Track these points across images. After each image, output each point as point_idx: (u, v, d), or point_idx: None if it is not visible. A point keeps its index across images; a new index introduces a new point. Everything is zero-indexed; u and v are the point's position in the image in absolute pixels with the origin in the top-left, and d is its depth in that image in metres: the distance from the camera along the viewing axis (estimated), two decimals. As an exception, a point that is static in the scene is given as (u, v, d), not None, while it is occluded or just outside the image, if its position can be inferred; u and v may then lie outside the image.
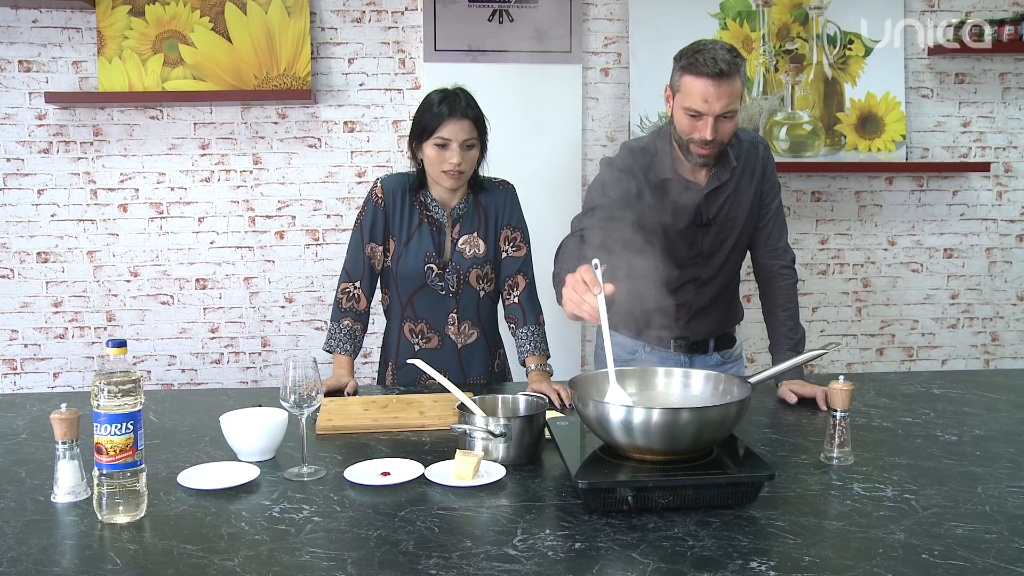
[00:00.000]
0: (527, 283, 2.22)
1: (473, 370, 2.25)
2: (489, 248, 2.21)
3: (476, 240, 2.19)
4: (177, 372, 3.51)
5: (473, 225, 2.21)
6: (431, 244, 2.17)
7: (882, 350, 3.83)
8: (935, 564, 1.16)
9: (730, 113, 1.92)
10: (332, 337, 2.18)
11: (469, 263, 2.18)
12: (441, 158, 2.08)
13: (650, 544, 1.22)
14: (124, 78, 3.29)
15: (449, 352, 2.22)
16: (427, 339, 2.22)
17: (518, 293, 2.21)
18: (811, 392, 1.98)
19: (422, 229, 2.18)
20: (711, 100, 1.89)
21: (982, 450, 1.65)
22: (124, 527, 1.29)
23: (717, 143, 1.95)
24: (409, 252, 2.17)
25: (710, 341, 2.25)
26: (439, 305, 2.20)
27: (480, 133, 2.12)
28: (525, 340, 2.17)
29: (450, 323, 2.21)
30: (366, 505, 1.38)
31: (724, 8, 3.55)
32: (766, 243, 2.18)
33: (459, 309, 2.21)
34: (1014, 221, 3.83)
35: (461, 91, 2.13)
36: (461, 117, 2.07)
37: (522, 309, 2.19)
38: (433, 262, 2.17)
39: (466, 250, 2.18)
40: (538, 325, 2.20)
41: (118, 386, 1.30)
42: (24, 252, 3.41)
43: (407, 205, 2.18)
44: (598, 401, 1.44)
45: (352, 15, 3.45)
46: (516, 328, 2.19)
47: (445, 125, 2.06)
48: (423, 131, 2.09)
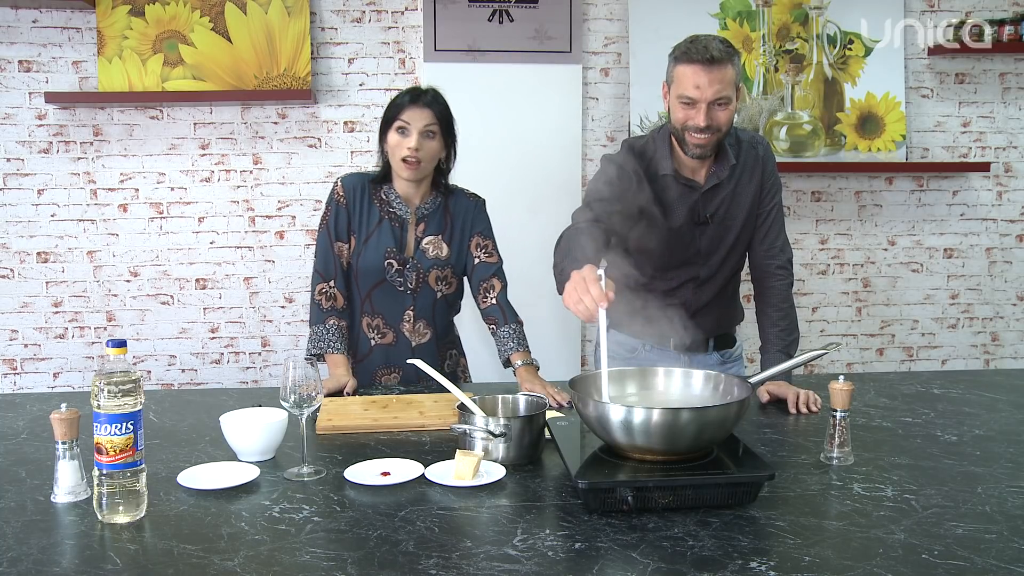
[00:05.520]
0: (503, 286, 2.26)
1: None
2: (453, 253, 2.25)
3: (440, 243, 2.23)
4: (177, 372, 3.51)
5: (439, 227, 2.24)
6: (392, 240, 2.20)
7: (882, 350, 3.83)
8: (935, 564, 1.16)
9: (723, 100, 1.92)
10: (320, 340, 2.17)
11: (431, 263, 2.22)
12: (401, 144, 2.13)
13: (650, 544, 1.22)
14: (124, 78, 3.29)
15: (403, 349, 2.24)
16: (383, 334, 2.24)
17: (495, 295, 2.24)
18: (784, 393, 1.98)
19: (383, 225, 2.20)
20: (703, 86, 1.90)
21: (982, 450, 1.65)
22: (124, 527, 1.29)
23: (712, 130, 1.96)
24: (369, 247, 2.19)
25: (710, 341, 2.25)
26: (396, 301, 2.23)
27: (443, 128, 2.17)
28: (508, 338, 2.19)
29: (406, 320, 2.23)
30: (366, 505, 1.38)
31: (724, 8, 3.55)
32: (762, 242, 2.18)
33: (416, 307, 2.23)
34: (1014, 221, 3.83)
35: (431, 88, 2.19)
36: (423, 106, 2.13)
37: (501, 309, 2.22)
38: (394, 258, 2.19)
39: (429, 250, 2.22)
40: (518, 324, 2.23)
41: (118, 386, 1.29)
42: (24, 252, 3.41)
43: (367, 201, 2.22)
44: (598, 401, 1.44)
45: (352, 15, 3.45)
46: (497, 328, 2.21)
47: (406, 110, 2.12)
48: (387, 120, 2.16)
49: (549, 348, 3.56)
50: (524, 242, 3.52)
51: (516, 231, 3.50)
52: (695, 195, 2.08)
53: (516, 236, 3.50)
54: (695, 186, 2.08)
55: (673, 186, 2.07)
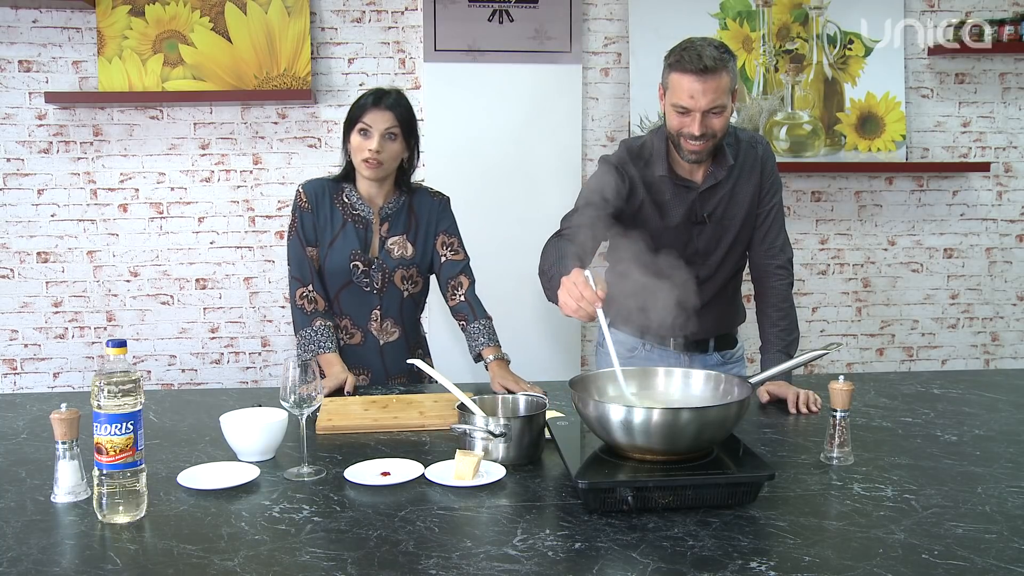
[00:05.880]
0: (470, 283, 2.29)
1: (394, 367, 2.29)
2: (418, 252, 2.27)
3: (405, 242, 2.25)
4: (177, 372, 3.51)
5: (404, 227, 2.26)
6: (356, 242, 2.22)
7: (882, 350, 3.83)
8: (935, 564, 1.16)
9: (717, 108, 1.92)
10: (310, 342, 2.18)
11: (396, 263, 2.24)
12: (362, 145, 2.15)
13: (650, 544, 1.22)
14: (124, 78, 3.29)
15: (371, 348, 2.26)
16: (351, 334, 2.26)
17: (463, 292, 2.27)
18: (784, 394, 1.98)
19: (347, 228, 2.22)
20: (697, 96, 1.90)
21: (982, 450, 1.65)
22: (124, 527, 1.29)
23: (707, 138, 1.96)
24: (334, 250, 2.21)
25: (710, 341, 2.25)
26: (363, 302, 2.25)
27: (405, 130, 2.19)
28: (479, 334, 2.22)
29: (373, 319, 2.25)
30: (366, 505, 1.38)
31: (724, 8, 3.55)
32: (762, 242, 2.18)
33: (382, 307, 2.26)
34: (1014, 221, 3.83)
35: (394, 90, 2.21)
36: (385, 108, 2.15)
37: (470, 305, 2.26)
38: (359, 259, 2.21)
39: (394, 250, 2.24)
40: (488, 319, 2.26)
41: (118, 386, 1.29)
42: (24, 252, 3.41)
43: (329, 205, 2.24)
44: (598, 401, 1.44)
45: (352, 15, 3.45)
46: (467, 324, 2.25)
47: (368, 113, 2.15)
48: (350, 121, 2.18)
49: (549, 348, 3.56)
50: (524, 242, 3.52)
51: (516, 231, 3.50)
52: (692, 195, 2.08)
53: (516, 236, 3.50)
54: (692, 186, 2.08)
55: (670, 186, 2.07)
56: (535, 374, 2.27)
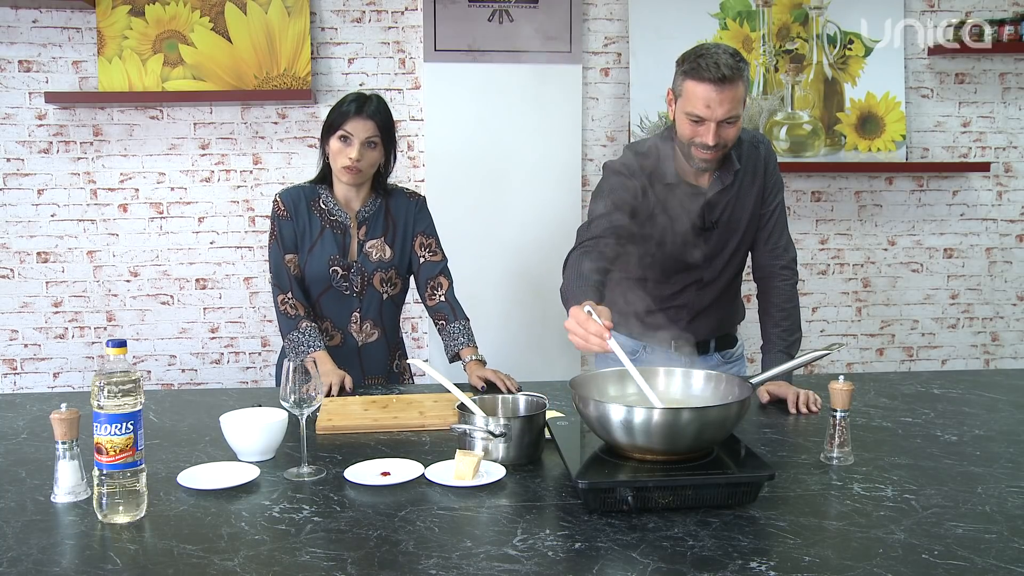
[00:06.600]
0: (449, 284, 2.31)
1: (373, 369, 2.31)
2: (396, 254, 2.28)
3: (383, 245, 2.27)
4: (177, 372, 3.51)
5: (381, 230, 2.27)
6: (335, 247, 2.23)
7: (882, 350, 3.83)
8: (935, 564, 1.16)
9: (732, 119, 1.90)
10: (300, 344, 2.17)
11: (374, 266, 2.25)
12: (342, 152, 2.16)
13: (650, 544, 1.22)
14: (124, 78, 3.29)
15: (350, 350, 2.27)
16: (330, 336, 2.27)
17: (443, 293, 2.29)
18: (784, 394, 1.97)
19: (325, 235, 2.24)
20: (713, 106, 1.87)
21: (982, 450, 1.65)
22: (124, 527, 1.29)
23: (719, 148, 1.94)
24: (313, 257, 2.23)
25: (711, 341, 2.25)
26: (343, 304, 2.26)
27: (384, 137, 2.19)
28: (458, 334, 2.24)
29: (352, 322, 2.27)
30: (366, 505, 1.38)
31: (724, 8, 3.55)
32: (766, 242, 2.17)
33: (362, 309, 2.27)
34: (1014, 221, 3.83)
35: (375, 96, 2.21)
36: (367, 117, 2.15)
37: (449, 306, 2.28)
38: (338, 264, 2.23)
39: (372, 253, 2.25)
40: (466, 320, 2.28)
41: (118, 386, 1.29)
42: (24, 252, 3.41)
43: (307, 212, 2.25)
44: (598, 401, 1.44)
45: (352, 15, 3.45)
46: (446, 324, 2.27)
47: (350, 121, 2.15)
48: (330, 126, 2.19)
49: (550, 348, 3.56)
50: (524, 242, 3.53)
51: (516, 231, 3.50)
52: (700, 201, 2.07)
53: (516, 236, 3.51)
54: (700, 192, 2.07)
55: (678, 192, 2.05)
56: (535, 374, 2.28)
